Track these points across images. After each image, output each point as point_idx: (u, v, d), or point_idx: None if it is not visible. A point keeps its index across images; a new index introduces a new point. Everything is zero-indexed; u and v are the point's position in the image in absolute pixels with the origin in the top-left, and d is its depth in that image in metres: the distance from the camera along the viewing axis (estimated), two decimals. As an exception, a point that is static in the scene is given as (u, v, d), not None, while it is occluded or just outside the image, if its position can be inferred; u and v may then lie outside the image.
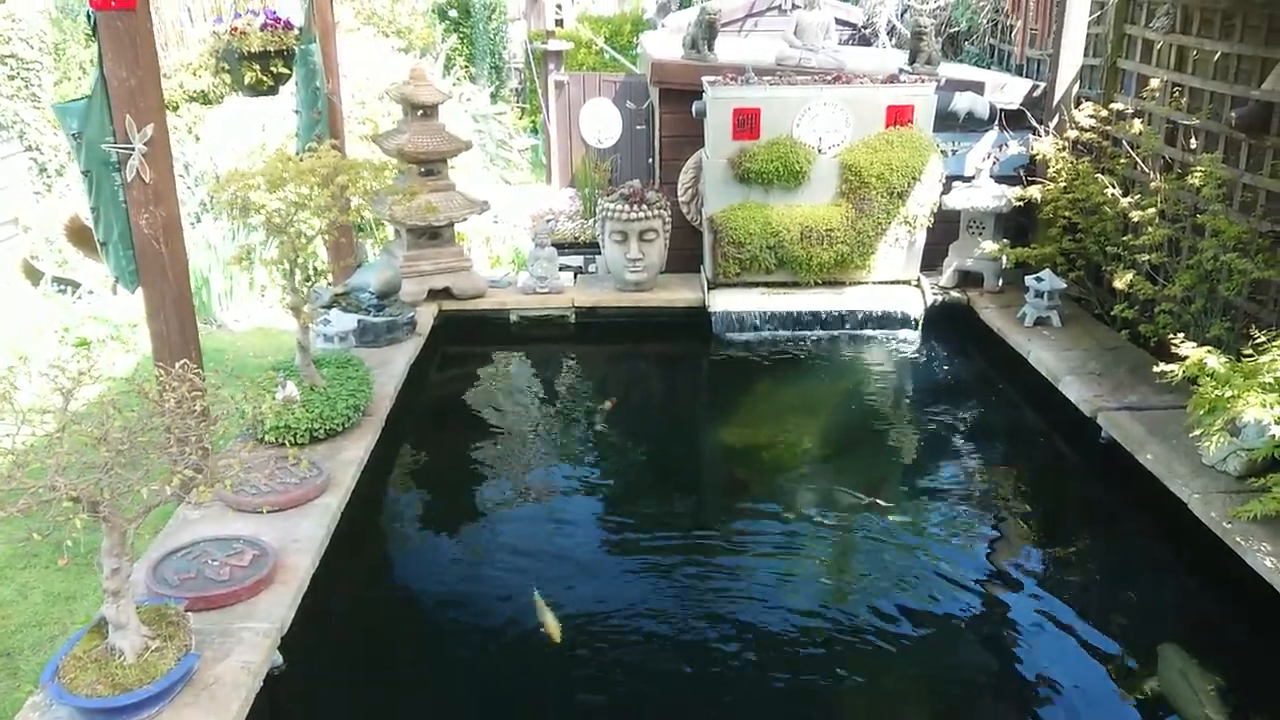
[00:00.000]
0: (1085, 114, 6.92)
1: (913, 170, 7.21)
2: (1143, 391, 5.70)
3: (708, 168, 7.43)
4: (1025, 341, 6.61)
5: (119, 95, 4.18)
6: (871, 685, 3.94)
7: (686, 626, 4.22)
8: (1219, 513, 4.46)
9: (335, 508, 4.58)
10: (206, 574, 3.92)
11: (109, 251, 4.49)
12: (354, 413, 5.27)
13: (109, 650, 3.31)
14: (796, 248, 7.33)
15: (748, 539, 4.94)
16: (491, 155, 12.11)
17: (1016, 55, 8.32)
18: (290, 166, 5.06)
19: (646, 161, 8.82)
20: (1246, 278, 5.49)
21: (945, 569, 4.68)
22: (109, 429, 3.02)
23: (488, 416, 6.36)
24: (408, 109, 7.25)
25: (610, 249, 7.51)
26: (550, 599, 4.35)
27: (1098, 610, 4.44)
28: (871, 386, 6.86)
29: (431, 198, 7.01)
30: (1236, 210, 5.74)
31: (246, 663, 3.53)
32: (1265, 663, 4.12)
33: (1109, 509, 5.33)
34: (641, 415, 6.57)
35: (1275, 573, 4.04)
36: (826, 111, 7.25)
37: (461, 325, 7.45)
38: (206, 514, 4.45)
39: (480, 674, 4.00)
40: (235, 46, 6.88)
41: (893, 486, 5.46)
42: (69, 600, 4.73)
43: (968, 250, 7.58)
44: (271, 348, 7.65)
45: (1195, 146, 6.11)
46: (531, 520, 5.10)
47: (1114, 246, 6.60)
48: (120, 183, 4.33)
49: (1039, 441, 6.14)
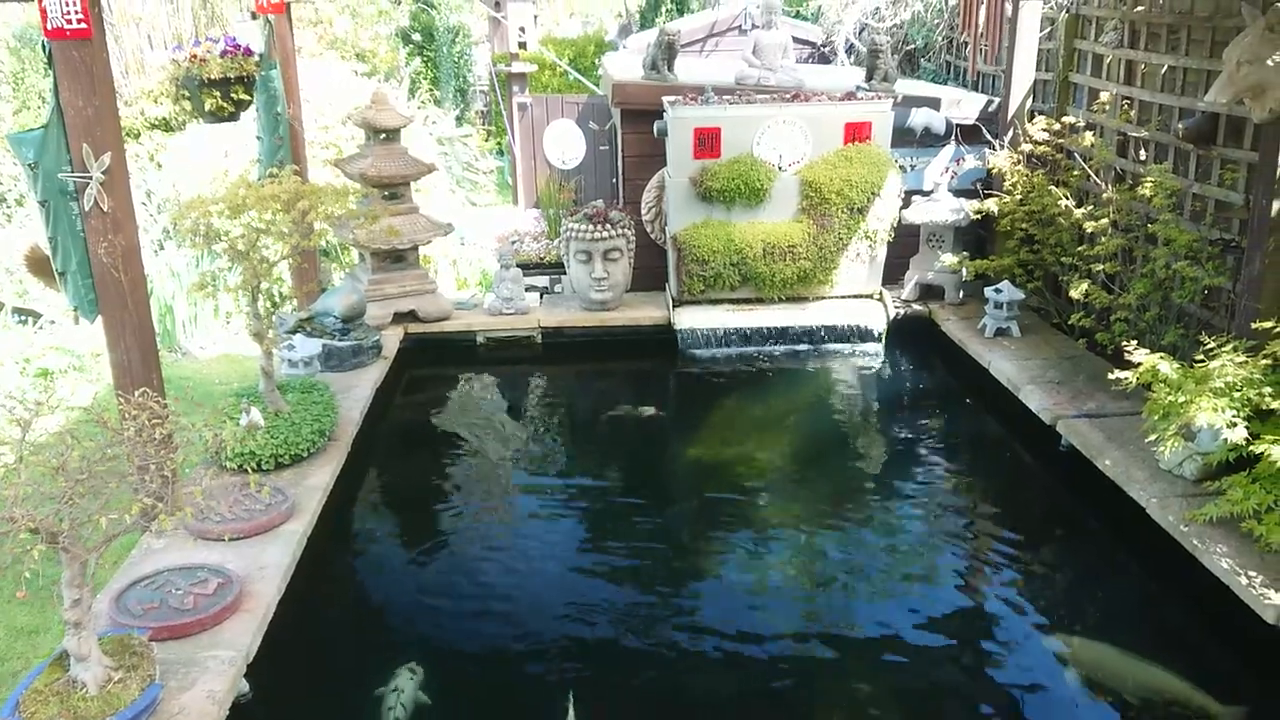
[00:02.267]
0: (1038, 128, 7.05)
1: (872, 186, 7.30)
2: (1101, 399, 5.79)
3: (670, 187, 7.49)
4: (986, 352, 6.70)
5: (75, 124, 4.16)
6: (838, 691, 3.99)
7: (659, 639, 4.25)
8: (1176, 516, 4.54)
9: (301, 534, 4.57)
10: (170, 603, 3.90)
11: (68, 281, 4.46)
12: (319, 438, 5.26)
13: (71, 683, 3.29)
14: (760, 264, 7.40)
15: (717, 552, 4.98)
16: (458, 178, 12.12)
17: (970, 71, 8.45)
18: (251, 192, 5.07)
19: (610, 181, 8.87)
20: (1198, 285, 5.60)
21: (911, 577, 4.74)
22: (67, 459, 3.01)
23: (454, 439, 6.36)
24: (370, 133, 7.26)
25: (575, 269, 7.54)
26: (520, 621, 4.37)
27: (1061, 614, 4.51)
28: (836, 400, 6.92)
29: (394, 221, 7.02)
30: (1187, 219, 5.86)
31: (211, 692, 3.52)
32: (1221, 660, 4.20)
33: (1070, 514, 5.41)
34: (609, 433, 6.58)
35: (1231, 573, 4.12)
36: (786, 129, 7.34)
37: (427, 348, 7.45)
38: (171, 543, 4.42)
39: (449, 697, 4.00)
40: (195, 73, 6.87)
41: (858, 497, 5.52)
42: (32, 634, 4.66)
43: (928, 264, 7.68)
44: (237, 374, 7.60)
45: (1145, 158, 6.24)
46: (499, 543, 5.10)
47: (1070, 257, 6.71)
48: (78, 212, 4.30)
49: (1001, 450, 6.22)
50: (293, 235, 5.12)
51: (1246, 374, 4.46)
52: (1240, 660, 4.17)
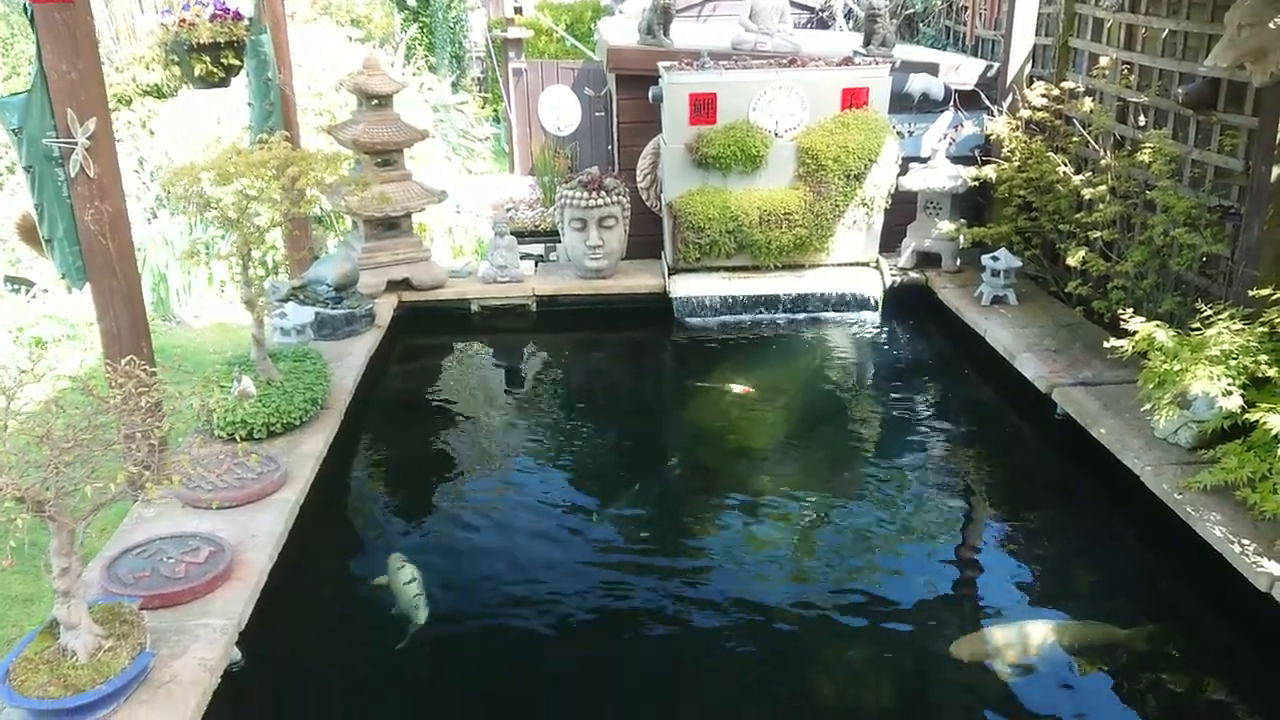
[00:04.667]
0: (1038, 93, 6.98)
1: (869, 152, 7.24)
2: (1097, 367, 5.77)
3: (666, 153, 7.43)
4: (982, 320, 6.67)
5: (59, 89, 4.11)
6: (834, 658, 4.00)
7: (656, 608, 4.26)
8: (1170, 484, 4.53)
9: (293, 502, 4.55)
10: (162, 571, 3.89)
11: (55, 248, 4.42)
12: (312, 406, 5.24)
13: (61, 651, 3.28)
14: (756, 232, 7.35)
15: (714, 518, 4.98)
16: (454, 145, 12.02)
17: (968, 36, 8.36)
18: (240, 159, 5.01)
19: (606, 148, 8.81)
20: (1196, 252, 5.56)
21: (904, 545, 4.74)
22: (52, 427, 2.98)
23: (448, 408, 6.34)
24: (362, 99, 7.19)
25: (570, 236, 7.49)
26: (517, 585, 4.39)
27: (1054, 581, 4.52)
28: (832, 368, 6.90)
29: (387, 188, 6.96)
30: (1186, 186, 5.81)
31: (203, 659, 3.52)
32: (1215, 629, 4.21)
33: (1065, 483, 5.40)
34: (605, 402, 6.57)
35: (1224, 542, 4.11)
36: (782, 95, 7.26)
37: (421, 316, 7.42)
38: (162, 511, 4.41)
39: (441, 666, 4.00)
40: (184, 38, 6.76)
41: (852, 466, 5.51)
42: (26, 603, 4.66)
43: (925, 231, 7.63)
44: (231, 343, 7.57)
45: (1145, 123, 6.18)
46: (494, 511, 5.09)
47: (1067, 224, 6.67)
48: (64, 178, 4.26)
49: (996, 418, 6.20)
50: (283, 202, 5.07)
51: (1243, 342, 4.43)
52: (1233, 628, 4.17)
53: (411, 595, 4.23)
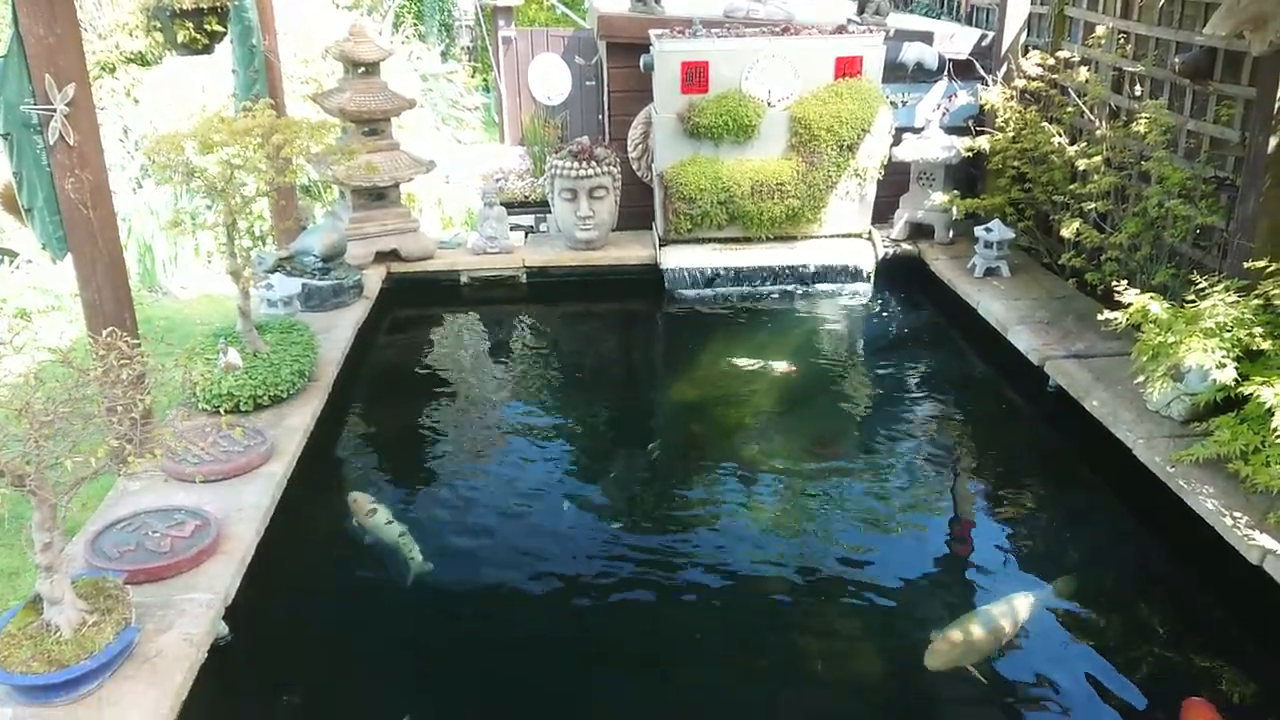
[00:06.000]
0: (1033, 63, 6.91)
1: (862, 122, 7.17)
2: (1090, 339, 5.74)
3: (657, 123, 7.35)
4: (975, 292, 6.63)
5: (36, 54, 4.01)
6: (827, 628, 3.99)
7: (649, 577, 4.23)
8: (1162, 457, 4.52)
9: (280, 475, 4.51)
10: (147, 545, 3.85)
11: (35, 218, 4.34)
12: (299, 379, 5.18)
13: (44, 626, 3.24)
14: (747, 202, 7.29)
15: (702, 487, 4.97)
16: (443, 115, 11.90)
17: (963, 4, 8.27)
18: (224, 126, 4.93)
19: (596, 118, 8.70)
20: (1191, 224, 5.53)
21: (894, 515, 4.73)
22: (31, 400, 2.93)
23: (437, 380, 6.29)
24: (348, 67, 7.08)
25: (560, 207, 7.42)
26: (507, 557, 4.37)
27: (1045, 553, 4.51)
28: (824, 340, 6.86)
29: (375, 158, 6.88)
30: (1181, 156, 5.76)
31: (189, 634, 3.49)
32: (1204, 600, 4.20)
33: (1056, 455, 5.38)
34: (595, 374, 6.53)
35: (1216, 514, 4.10)
36: (775, 64, 7.18)
37: (410, 288, 7.35)
38: (148, 485, 4.36)
39: (426, 638, 3.98)
40: (167, 3, 6.65)
41: (845, 437, 5.49)
42: (11, 576, 4.63)
43: (918, 202, 7.57)
44: (219, 315, 7.49)
45: (1141, 93, 6.11)
46: (483, 483, 5.06)
47: (1061, 195, 6.62)
48: (43, 146, 4.17)
49: (988, 391, 6.17)
50: (268, 170, 4.99)
51: (1237, 314, 4.40)
52: (1224, 600, 4.16)
53: (396, 534, 4.37)
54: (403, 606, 4.14)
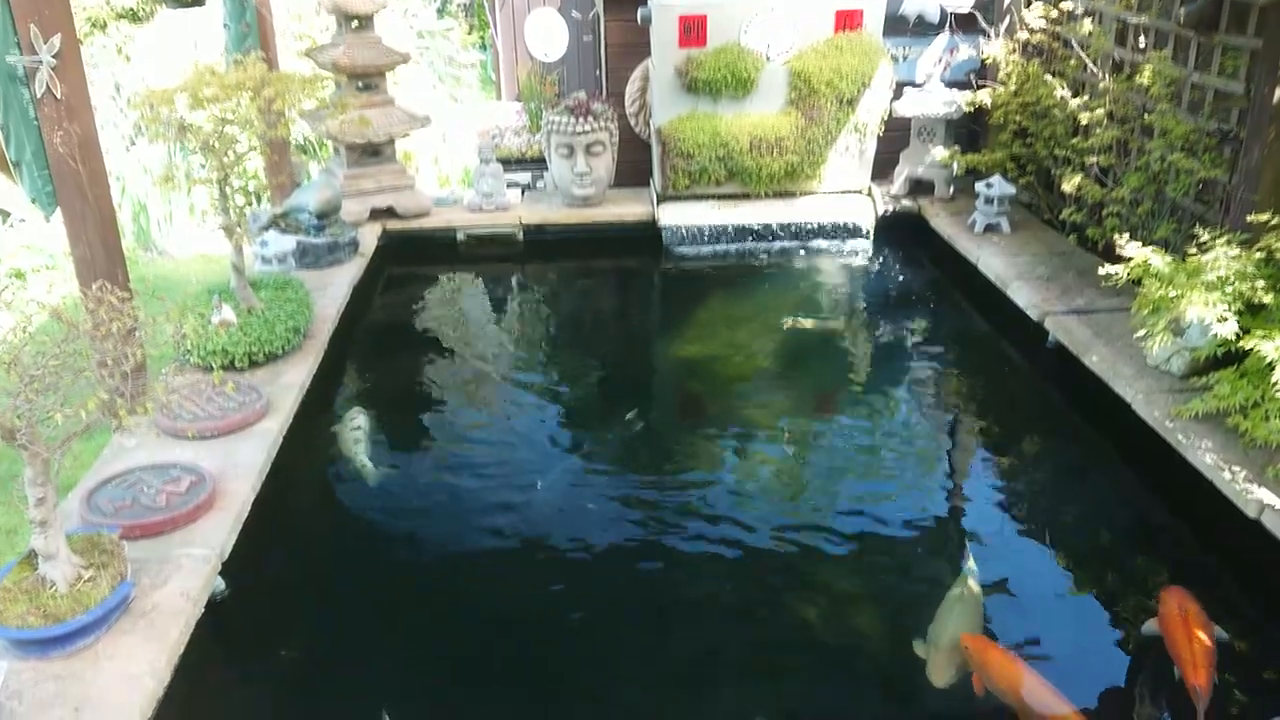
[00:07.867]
0: (1035, 15, 6.80)
1: (863, 76, 7.08)
2: (1090, 295, 5.71)
3: (655, 78, 7.25)
4: (975, 248, 6.58)
5: (21, 3, 3.93)
6: (825, 585, 3.98)
7: (646, 536, 4.23)
8: (1162, 412, 4.50)
9: (276, 432, 4.50)
10: (143, 501, 3.84)
11: (23, 172, 4.28)
12: (294, 336, 5.15)
13: (40, 581, 3.24)
14: (746, 158, 7.21)
15: (702, 445, 4.95)
16: (440, 73, 11.77)
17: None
18: (215, 80, 4.85)
19: (594, 73, 8.60)
20: (1193, 178, 5.46)
21: (897, 472, 4.72)
22: (20, 354, 2.90)
23: (433, 338, 6.26)
24: (342, 19, 6.97)
25: (557, 164, 7.35)
26: (506, 512, 4.36)
27: (1045, 508, 4.51)
28: (823, 296, 6.82)
29: (369, 112, 6.79)
30: (1184, 110, 5.68)
31: (185, 589, 3.48)
32: (1203, 555, 4.20)
33: (1056, 411, 5.37)
34: (592, 331, 6.50)
35: (1214, 469, 4.08)
36: (774, 17, 7.07)
37: (406, 245, 7.30)
38: (143, 442, 4.34)
39: (423, 594, 3.98)
40: (156, -44, 6.55)
41: (845, 393, 5.47)
42: (10, 534, 4.64)
43: (919, 158, 7.50)
44: (214, 273, 7.46)
45: (1144, 45, 6.02)
46: (479, 441, 5.05)
47: (1063, 150, 6.54)
48: (30, 98, 4.11)
49: (988, 347, 6.14)
50: (259, 124, 4.92)
51: (1239, 267, 4.36)
52: (1221, 553, 4.16)
53: (352, 442, 4.64)
54: (398, 561, 4.15)
